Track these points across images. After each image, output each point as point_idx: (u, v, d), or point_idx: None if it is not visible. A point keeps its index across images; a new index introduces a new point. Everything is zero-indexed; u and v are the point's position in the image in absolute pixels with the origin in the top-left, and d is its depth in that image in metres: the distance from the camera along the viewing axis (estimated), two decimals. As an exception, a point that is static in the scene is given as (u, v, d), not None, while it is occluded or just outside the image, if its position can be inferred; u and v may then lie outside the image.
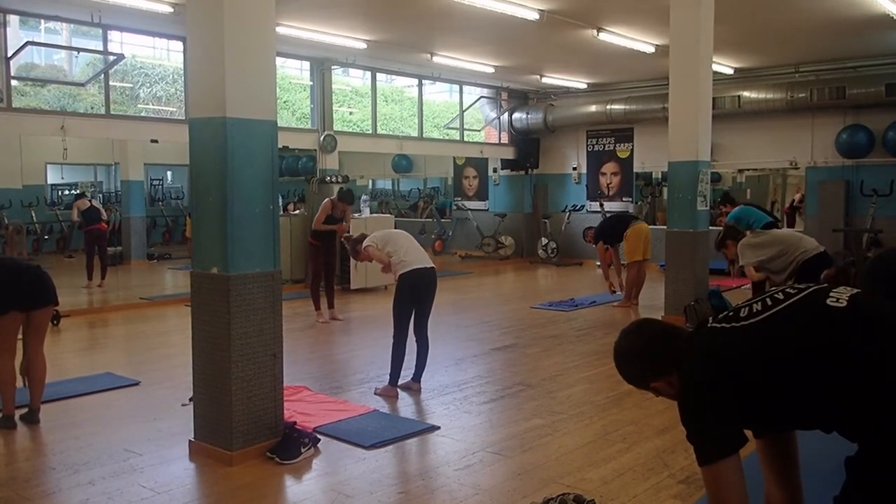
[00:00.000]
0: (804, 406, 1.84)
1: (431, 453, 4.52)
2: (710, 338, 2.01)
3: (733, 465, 1.89)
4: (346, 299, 10.32)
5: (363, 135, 14.91)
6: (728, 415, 1.90)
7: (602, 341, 7.71)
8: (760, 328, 1.89)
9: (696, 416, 1.96)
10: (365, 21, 9.94)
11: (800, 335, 1.83)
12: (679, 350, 2.10)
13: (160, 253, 16.32)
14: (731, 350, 1.92)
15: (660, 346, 2.17)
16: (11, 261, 4.94)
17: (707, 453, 1.91)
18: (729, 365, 1.91)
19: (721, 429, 1.90)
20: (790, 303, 1.90)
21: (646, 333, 2.25)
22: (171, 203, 20.05)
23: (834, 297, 1.85)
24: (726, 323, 1.99)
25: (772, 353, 1.84)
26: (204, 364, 4.39)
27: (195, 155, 4.38)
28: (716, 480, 1.90)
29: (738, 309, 2.00)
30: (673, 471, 4.10)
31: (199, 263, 4.40)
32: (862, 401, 1.74)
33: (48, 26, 17.60)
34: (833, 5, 8.79)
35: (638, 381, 2.25)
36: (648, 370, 2.19)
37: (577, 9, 9.06)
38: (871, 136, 11.84)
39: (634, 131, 14.75)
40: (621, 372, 2.29)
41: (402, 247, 5.72)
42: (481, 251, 16.18)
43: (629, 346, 2.27)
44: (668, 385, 2.15)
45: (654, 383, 2.19)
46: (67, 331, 8.42)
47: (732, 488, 1.88)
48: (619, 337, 2.31)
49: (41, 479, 4.10)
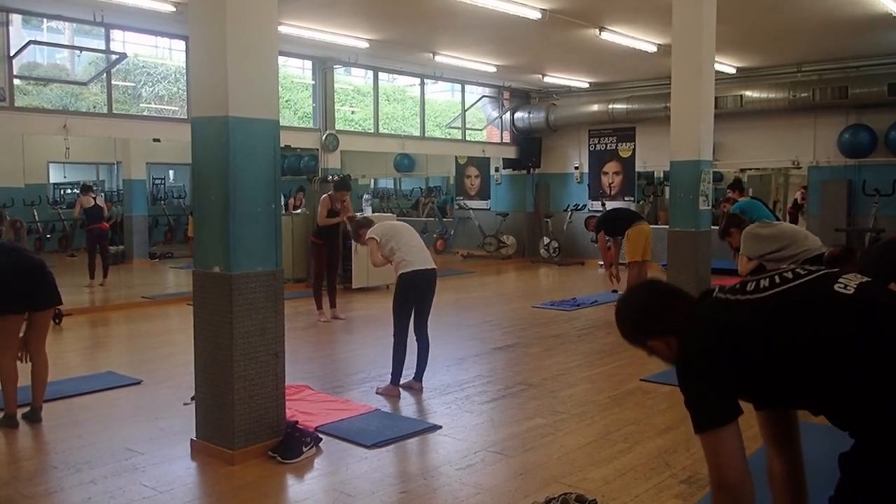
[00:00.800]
0: (800, 388, 1.82)
1: (433, 453, 4.53)
2: (714, 308, 1.99)
3: (733, 432, 1.87)
4: (348, 298, 10.32)
5: (365, 134, 14.90)
6: (727, 385, 1.88)
7: (604, 341, 7.70)
8: (766, 305, 1.87)
9: (695, 384, 1.93)
10: (367, 20, 9.93)
11: (804, 318, 1.80)
12: (681, 314, 2.08)
13: (162, 252, 16.33)
14: (734, 324, 1.90)
15: (662, 306, 2.15)
16: (16, 257, 4.91)
17: (706, 421, 1.89)
18: (730, 337, 1.89)
19: (720, 397, 1.88)
20: (798, 283, 1.88)
21: (651, 291, 2.23)
22: (173, 202, 20.05)
23: (842, 284, 1.83)
24: (731, 294, 1.96)
25: (774, 332, 1.82)
26: (206, 363, 4.39)
27: (197, 154, 4.38)
28: (715, 448, 1.87)
29: (745, 283, 1.97)
30: (675, 470, 4.10)
31: (201, 262, 4.41)
32: (861, 393, 1.71)
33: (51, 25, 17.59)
34: (835, 5, 8.78)
35: (634, 337, 2.23)
36: (647, 328, 2.17)
37: (579, 8, 9.06)
38: (873, 135, 11.83)
39: (636, 131, 14.75)
40: (620, 326, 2.27)
41: (405, 245, 5.70)
42: (483, 250, 16.18)
43: (632, 301, 2.26)
44: (666, 346, 2.13)
45: (650, 342, 2.18)
46: (69, 330, 8.43)
47: (732, 456, 1.85)
48: (625, 292, 2.31)
49: (43, 478, 4.11)
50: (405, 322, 5.71)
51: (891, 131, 11.60)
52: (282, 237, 4.55)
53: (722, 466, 1.86)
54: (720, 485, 1.87)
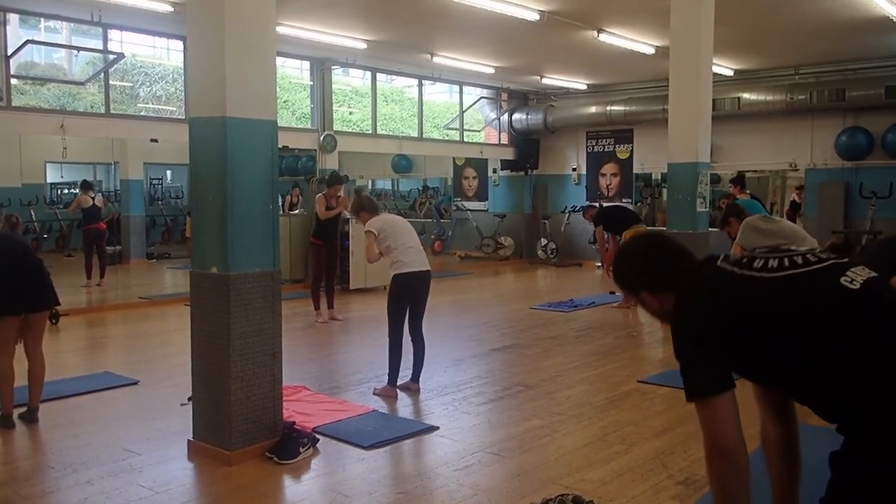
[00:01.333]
0: (791, 375, 1.81)
1: (430, 454, 4.52)
2: (718, 276, 1.94)
3: (728, 400, 1.81)
4: (346, 299, 10.32)
5: (363, 135, 14.91)
6: (724, 354, 1.84)
7: (601, 342, 7.71)
8: (771, 286, 1.83)
9: (692, 348, 1.88)
10: (365, 21, 9.94)
11: (808, 308, 1.77)
12: (683, 274, 2.03)
13: (159, 252, 16.30)
14: (738, 297, 1.85)
15: (664, 262, 2.10)
16: (14, 257, 4.89)
17: (701, 388, 1.83)
18: (732, 310, 1.84)
19: (717, 364, 1.83)
20: (807, 270, 1.84)
21: (655, 245, 2.18)
22: (171, 202, 20.02)
23: (849, 278, 1.79)
24: (737, 267, 1.91)
25: (776, 316, 1.79)
26: (203, 363, 4.39)
27: (195, 154, 4.38)
28: (711, 415, 1.82)
29: (753, 258, 1.92)
30: (672, 472, 4.10)
31: (199, 263, 4.40)
32: (861, 391, 1.69)
33: (48, 25, 17.58)
34: (833, 7, 8.80)
35: (628, 285, 2.20)
36: (644, 280, 2.13)
37: (577, 10, 9.07)
38: (870, 138, 11.85)
39: (634, 132, 14.76)
40: (616, 271, 2.23)
41: (402, 245, 5.68)
42: (481, 252, 16.18)
43: (635, 250, 2.23)
44: (657, 302, 2.10)
45: (644, 294, 2.14)
46: (66, 330, 8.42)
47: (728, 422, 1.80)
48: (631, 239, 2.28)
49: (40, 478, 4.10)
50: (400, 322, 5.71)
51: (888, 134, 11.63)
52: (279, 238, 4.55)
53: (718, 433, 1.81)
54: (716, 451, 1.82)
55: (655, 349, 7.70)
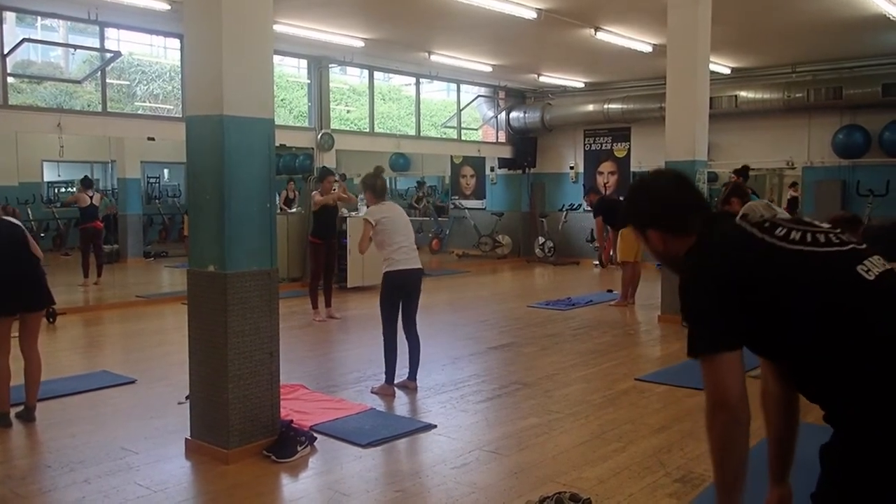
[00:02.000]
0: (795, 353, 1.78)
1: (428, 452, 4.53)
2: (737, 235, 1.87)
3: (735, 357, 1.76)
4: (343, 298, 10.32)
5: (360, 133, 14.91)
6: (734, 312, 1.77)
7: (599, 340, 7.72)
8: (792, 258, 1.78)
9: (702, 301, 1.81)
10: (362, 19, 9.93)
11: (824, 287, 1.74)
12: (696, 221, 1.95)
13: (157, 251, 16.29)
14: (755, 261, 1.79)
15: (681, 203, 2.01)
16: (9, 256, 4.88)
17: (709, 343, 1.77)
18: (746, 270, 1.78)
19: (727, 320, 1.77)
20: (828, 251, 1.79)
21: (674, 183, 2.07)
22: (168, 201, 20.00)
23: (865, 267, 1.75)
24: (758, 230, 1.85)
25: (791, 288, 1.75)
26: (200, 362, 4.38)
27: (192, 153, 4.38)
28: (716, 370, 1.76)
29: (775, 225, 1.86)
30: (669, 469, 4.11)
31: (196, 261, 4.40)
32: (861, 381, 1.67)
33: (45, 23, 17.55)
34: (830, 6, 8.81)
35: (635, 218, 2.09)
36: (654, 217, 2.03)
37: (574, 8, 9.06)
38: (867, 136, 11.87)
39: (632, 130, 14.77)
40: (627, 201, 2.14)
41: (396, 244, 5.66)
42: (478, 250, 16.18)
43: (654, 182, 2.13)
44: (663, 244, 2.02)
45: (650, 231, 2.04)
46: (63, 329, 8.41)
47: (734, 377, 1.75)
48: (652, 172, 2.19)
49: (37, 477, 4.10)
50: (393, 320, 5.72)
51: (885, 132, 11.65)
52: (277, 236, 4.55)
53: (722, 387, 1.75)
54: (719, 403, 1.77)
55: (653, 347, 7.71)
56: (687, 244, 1.95)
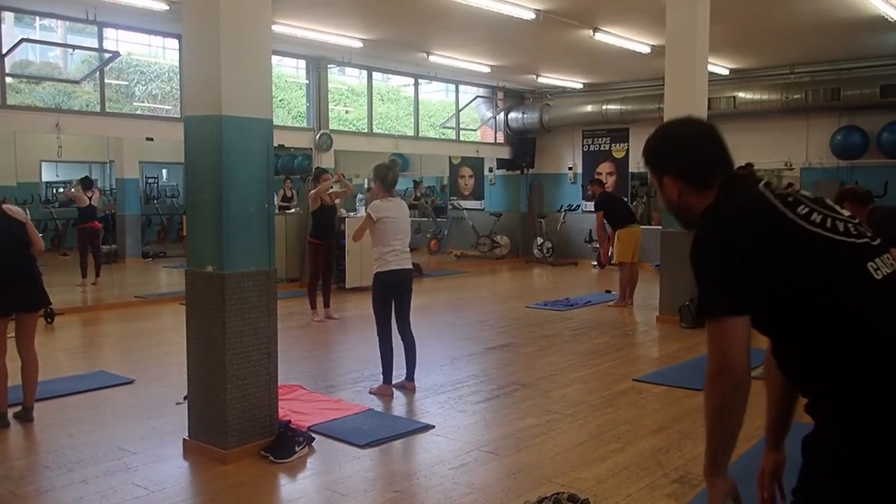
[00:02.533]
0: (786, 336, 1.77)
1: (426, 452, 4.53)
2: (759, 205, 1.80)
3: (743, 323, 1.71)
4: (342, 298, 10.31)
5: (359, 133, 14.90)
6: (746, 284, 1.73)
7: (597, 341, 7.72)
8: (810, 240, 1.74)
9: (716, 262, 1.76)
10: (361, 20, 9.93)
11: (836, 277, 1.71)
12: (722, 180, 1.89)
13: (155, 251, 16.27)
14: (775, 237, 1.74)
15: (707, 155, 1.93)
16: (5, 256, 4.86)
17: (717, 306, 1.73)
18: (765, 240, 1.73)
19: (740, 285, 1.72)
20: (843, 241, 1.75)
21: (707, 133, 1.97)
22: (167, 201, 19.97)
23: (875, 265, 1.73)
24: (780, 202, 1.79)
25: (805, 271, 1.72)
26: (198, 362, 4.38)
27: (190, 153, 4.38)
28: (724, 334, 1.72)
29: (798, 201, 1.80)
30: (667, 470, 4.11)
31: (194, 261, 4.40)
32: (855, 377, 1.66)
33: (43, 23, 17.52)
34: (828, 7, 8.82)
35: (657, 161, 2.00)
36: (676, 162, 1.95)
37: (573, 9, 9.07)
38: (865, 137, 11.88)
39: (630, 131, 14.77)
40: (650, 142, 2.03)
41: (390, 244, 5.65)
42: (477, 251, 16.18)
43: (683, 127, 2.01)
44: (678, 194, 1.94)
45: (667, 178, 1.95)
46: (61, 329, 8.40)
47: (741, 343, 1.71)
48: (685, 117, 2.06)
49: (35, 477, 4.09)
50: (386, 320, 5.74)
51: (883, 133, 11.65)
52: (275, 236, 4.54)
53: (727, 351, 1.72)
54: (723, 367, 1.72)
55: (651, 348, 7.71)
56: (703, 201, 1.90)
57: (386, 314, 5.74)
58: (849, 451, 1.67)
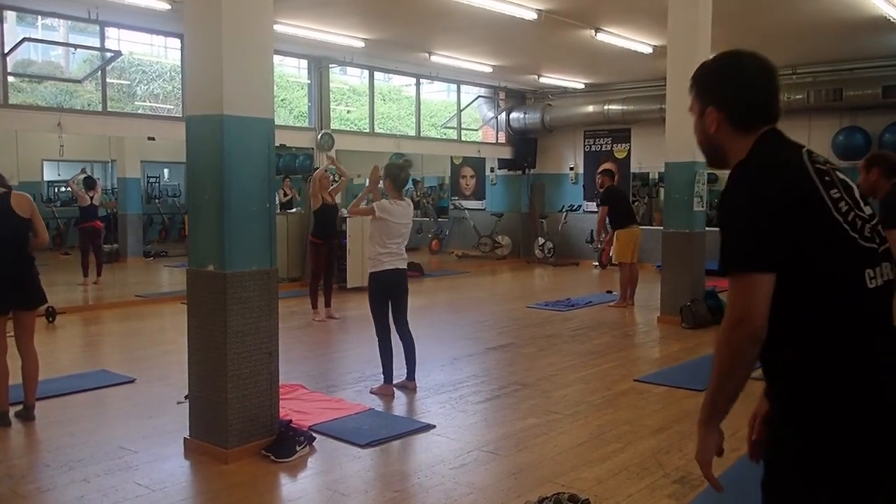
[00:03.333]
0: (786, 312, 1.72)
1: (427, 452, 4.52)
2: (799, 175, 1.75)
3: (768, 281, 1.67)
4: (343, 298, 10.32)
5: (361, 133, 14.91)
6: (774, 245, 1.68)
7: (598, 341, 7.72)
8: (830, 230, 1.71)
9: (742, 222, 1.71)
10: (363, 20, 9.93)
11: (832, 273, 1.70)
12: (766, 132, 1.85)
13: (156, 250, 16.30)
14: (803, 213, 1.70)
15: (762, 97, 1.87)
16: (3, 254, 4.86)
17: (742, 260, 1.69)
18: (792, 216, 1.69)
19: (765, 245, 1.68)
20: (854, 239, 1.72)
21: (768, 74, 1.89)
22: (168, 200, 20.01)
23: (872, 273, 1.72)
24: (818, 180, 1.74)
25: (810, 256, 1.70)
26: (199, 362, 4.38)
27: (192, 152, 4.38)
28: (745, 290, 1.68)
29: (833, 182, 1.76)
30: (667, 470, 4.11)
31: (196, 261, 4.40)
32: (834, 378, 1.67)
33: (45, 23, 17.57)
34: (830, 7, 8.81)
35: (704, 89, 1.93)
36: (727, 95, 1.87)
37: (575, 9, 9.07)
38: (867, 137, 11.87)
39: (632, 132, 14.77)
40: (705, 65, 1.98)
41: (387, 246, 5.65)
42: (478, 251, 16.18)
43: (747, 61, 1.90)
44: (717, 128, 1.87)
45: (711, 108, 1.88)
46: (63, 328, 8.41)
47: (761, 300, 1.67)
48: (742, 50, 1.95)
49: (36, 476, 4.10)
50: (384, 319, 5.75)
51: (885, 133, 11.65)
52: (276, 236, 4.55)
53: (748, 304, 1.68)
54: (742, 319, 1.69)
55: (651, 348, 7.71)
56: (738, 147, 1.85)
57: (383, 314, 5.75)
58: (821, 431, 1.67)
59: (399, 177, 5.75)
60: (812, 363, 1.70)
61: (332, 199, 9.07)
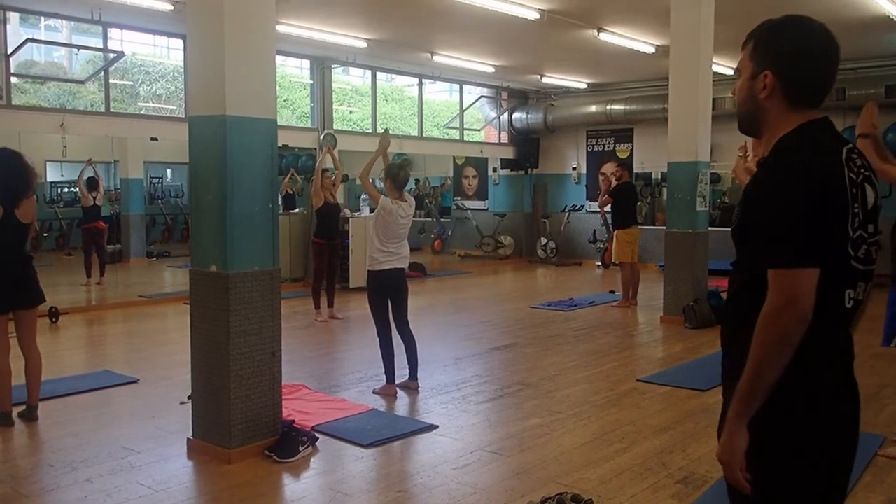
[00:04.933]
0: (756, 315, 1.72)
1: (429, 452, 4.52)
2: (843, 175, 1.68)
3: (815, 276, 1.61)
4: (345, 298, 10.32)
5: (363, 133, 14.90)
6: (818, 234, 1.62)
7: (600, 341, 7.71)
8: (846, 242, 1.68)
9: (794, 208, 1.62)
10: (365, 20, 9.93)
11: (823, 285, 1.66)
12: (812, 119, 1.77)
13: (159, 251, 16.30)
14: (835, 214, 1.64)
15: (822, 66, 1.76)
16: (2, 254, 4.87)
17: (795, 255, 1.61)
18: (829, 215, 1.63)
19: (813, 238, 1.61)
20: (852, 257, 1.69)
21: (833, 50, 1.78)
22: (171, 201, 20.01)
23: (851, 293, 1.72)
24: (851, 185, 1.68)
25: (834, 257, 1.68)
26: (202, 362, 4.39)
27: (195, 153, 4.39)
28: (791, 281, 1.61)
29: (857, 196, 1.70)
30: (671, 471, 4.10)
31: (198, 261, 4.41)
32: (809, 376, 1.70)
33: (48, 24, 17.56)
34: (833, 6, 8.80)
35: (768, 48, 1.77)
36: (787, 62, 1.75)
37: (577, 9, 9.06)
38: (870, 137, 11.83)
39: (634, 131, 14.76)
40: (775, 26, 1.81)
41: (384, 245, 5.66)
42: (481, 251, 16.17)
43: (814, 28, 1.79)
44: (767, 95, 1.76)
45: (767, 72, 1.75)
46: (66, 328, 8.42)
47: (809, 292, 1.61)
48: (823, 25, 1.82)
49: (39, 476, 4.10)
50: (384, 318, 5.76)
51: (888, 133, 11.61)
52: (279, 236, 4.55)
53: (795, 291, 1.61)
54: (788, 303, 1.62)
55: (654, 348, 7.70)
56: (783, 121, 1.77)
57: (382, 313, 5.75)
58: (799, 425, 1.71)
59: (398, 176, 5.75)
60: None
61: (334, 198, 9.07)
